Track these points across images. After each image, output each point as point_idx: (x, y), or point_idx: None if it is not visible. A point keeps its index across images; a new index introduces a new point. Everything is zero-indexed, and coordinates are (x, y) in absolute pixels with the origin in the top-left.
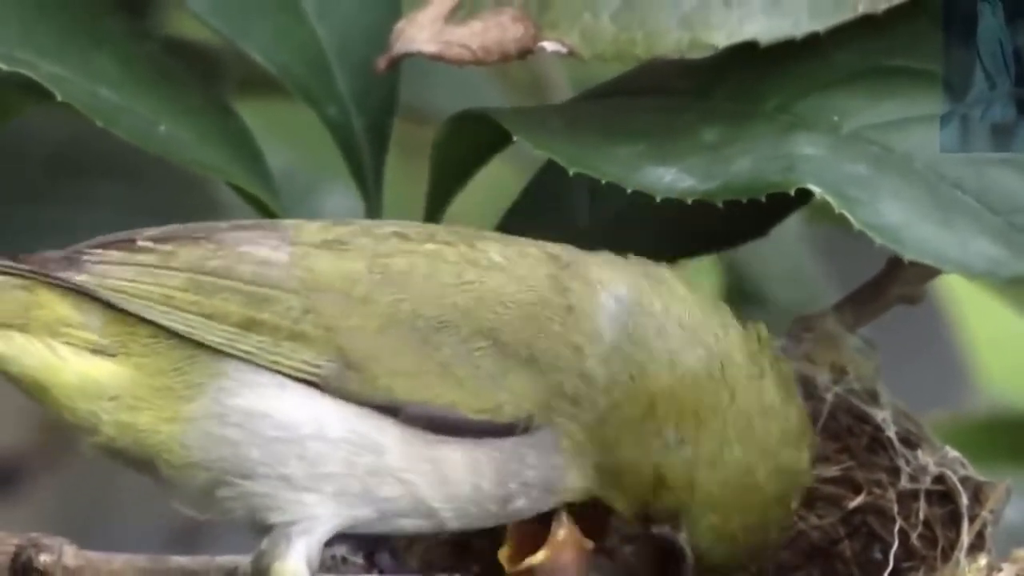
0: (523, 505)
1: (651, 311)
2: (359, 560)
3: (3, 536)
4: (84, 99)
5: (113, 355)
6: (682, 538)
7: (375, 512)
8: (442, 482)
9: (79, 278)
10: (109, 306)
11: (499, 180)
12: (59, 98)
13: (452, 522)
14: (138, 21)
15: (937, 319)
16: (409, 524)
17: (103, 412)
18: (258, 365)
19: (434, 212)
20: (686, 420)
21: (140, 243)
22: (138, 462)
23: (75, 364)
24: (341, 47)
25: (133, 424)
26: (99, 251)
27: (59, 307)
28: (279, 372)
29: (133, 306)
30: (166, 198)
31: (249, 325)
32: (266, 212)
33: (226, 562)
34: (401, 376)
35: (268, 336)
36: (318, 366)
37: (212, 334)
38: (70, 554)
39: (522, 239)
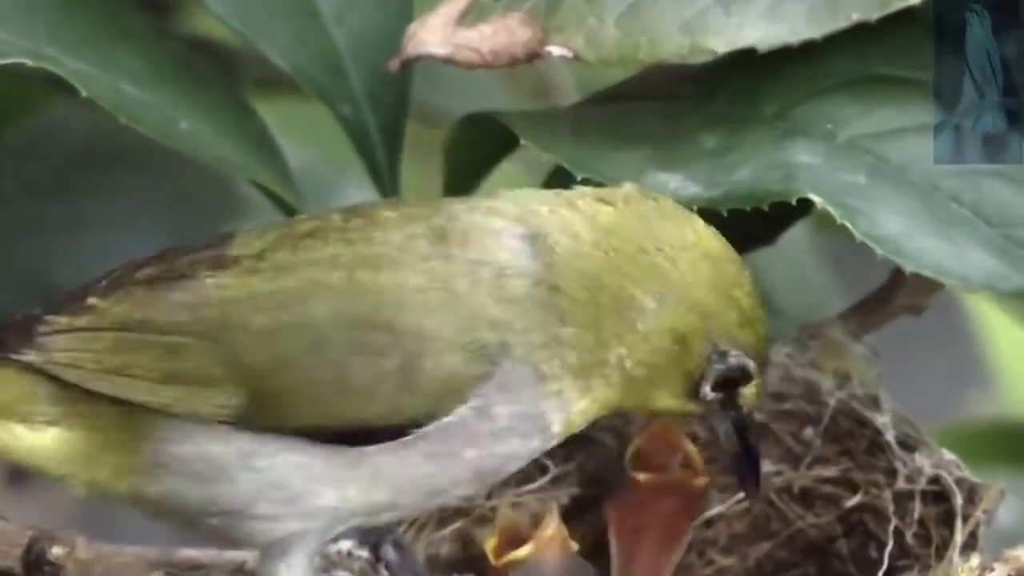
0: (519, 451)
1: (557, 230)
2: (364, 553)
3: (16, 529)
4: (108, 95)
5: (65, 423)
6: (736, 355)
7: (333, 520)
8: (378, 480)
9: (28, 357)
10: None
11: (513, 182)
12: (83, 94)
13: (409, 508)
14: (161, 20)
15: (957, 327)
16: (380, 519)
17: (69, 476)
18: (185, 419)
19: None
20: (642, 279)
21: (89, 301)
22: (133, 505)
23: (32, 440)
24: (355, 49)
25: (98, 480)
26: (51, 317)
27: (14, 385)
28: (200, 422)
29: (70, 376)
30: (186, 192)
31: (166, 379)
32: (284, 207)
33: (234, 556)
34: (309, 407)
35: (182, 386)
36: (232, 407)
37: (136, 393)
38: (82, 547)
39: (409, 206)
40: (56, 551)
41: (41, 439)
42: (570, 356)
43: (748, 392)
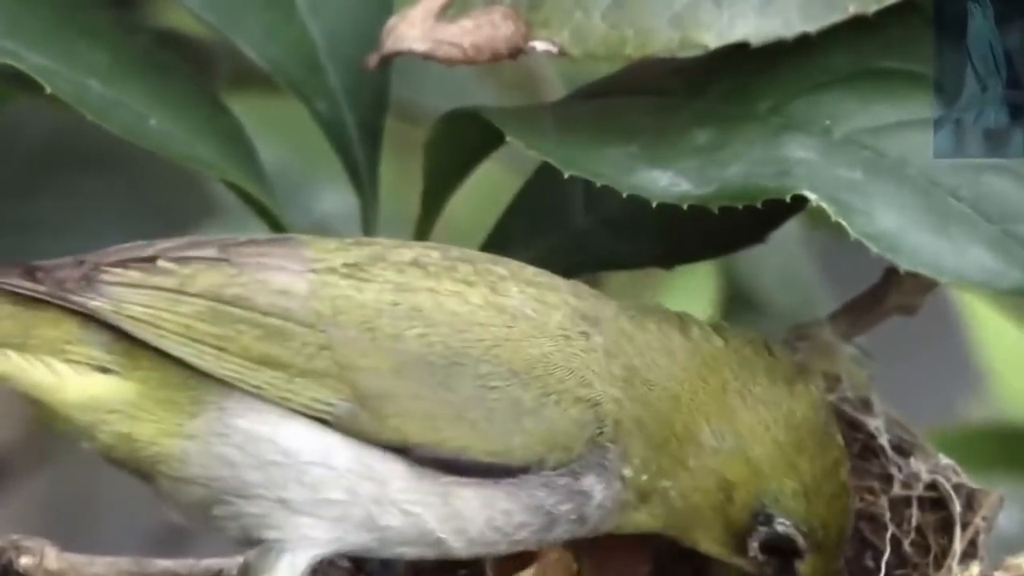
0: (557, 534)
1: (641, 341)
2: (345, 563)
3: None
4: (73, 92)
5: (117, 373)
6: (782, 523)
7: (376, 540)
8: (452, 516)
9: (94, 304)
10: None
11: (496, 181)
12: (48, 90)
13: (459, 552)
14: (129, 13)
15: (950, 327)
16: (411, 552)
17: (102, 424)
18: (270, 403)
19: (430, 212)
20: (713, 416)
21: (160, 263)
22: (136, 471)
23: (74, 381)
24: (332, 43)
25: (131, 435)
26: (117, 270)
27: (64, 325)
28: (289, 409)
29: (145, 332)
30: (157, 193)
31: (263, 360)
32: (259, 207)
33: (211, 564)
34: (413, 419)
35: (281, 372)
36: (330, 404)
37: (224, 368)
38: (52, 556)
39: (543, 279)
40: (25, 561)
41: (85, 383)
42: (637, 465)
43: (805, 570)
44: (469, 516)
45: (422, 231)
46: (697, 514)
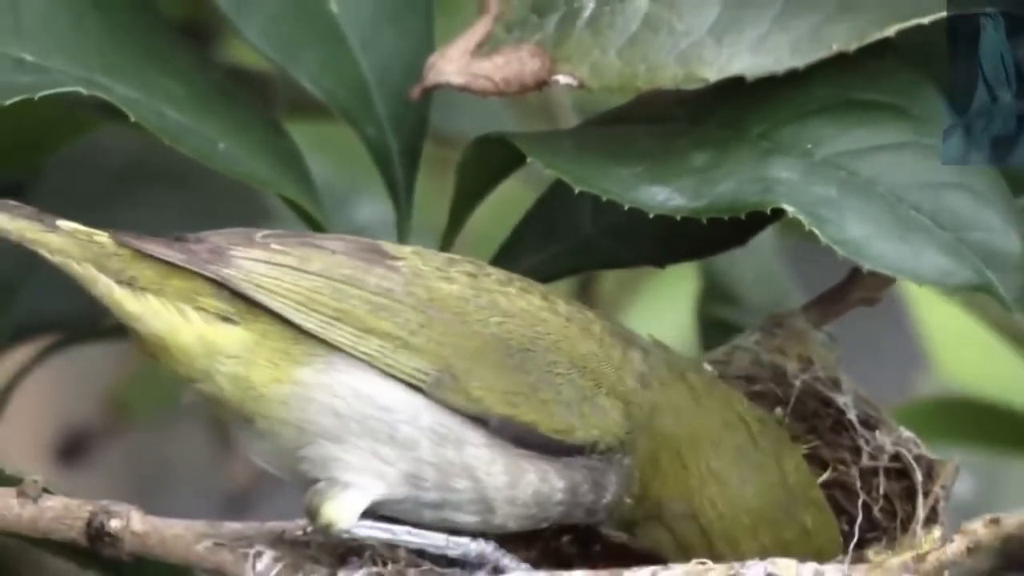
0: (571, 518)
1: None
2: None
3: (78, 503)
4: (153, 119)
5: (239, 322)
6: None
7: (439, 499)
8: (511, 485)
9: (225, 271)
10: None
11: (512, 194)
12: (132, 118)
13: (498, 521)
14: (201, 50)
15: (902, 317)
16: (461, 518)
17: (221, 366)
18: (373, 367)
19: (456, 223)
20: (696, 451)
21: (275, 246)
22: (236, 413)
23: (200, 326)
24: (380, 76)
25: (247, 379)
26: (241, 248)
27: (196, 281)
28: (389, 374)
29: (273, 303)
30: (222, 205)
31: (372, 331)
32: (309, 220)
33: (274, 526)
34: (494, 392)
35: (387, 342)
36: (426, 373)
37: (338, 335)
38: (137, 519)
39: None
40: (114, 524)
41: (211, 329)
42: (639, 478)
43: None
44: (523, 486)
45: (448, 239)
46: (690, 549)
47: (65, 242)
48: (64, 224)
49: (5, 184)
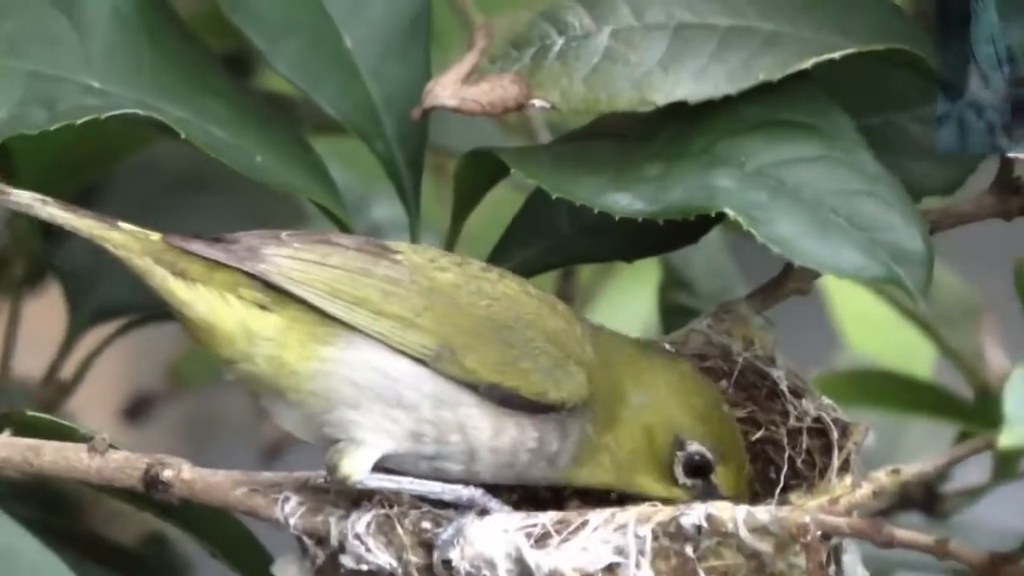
0: (534, 473)
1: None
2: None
3: (137, 456)
4: (200, 136)
5: (273, 310)
6: (693, 444)
7: (435, 451)
8: (495, 437)
9: (261, 267)
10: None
11: (505, 200)
12: (182, 136)
13: (479, 467)
14: (240, 78)
15: (821, 304)
16: (449, 467)
17: (259, 348)
18: (384, 343)
19: (457, 222)
20: (634, 384)
21: (297, 245)
22: (270, 388)
23: (240, 312)
24: (387, 100)
25: (280, 357)
26: (272, 247)
27: (236, 275)
28: (397, 350)
29: (301, 290)
30: (260, 208)
31: (384, 313)
32: (335, 219)
33: (300, 475)
34: (484, 363)
35: (397, 323)
36: (429, 349)
37: (356, 317)
38: (186, 469)
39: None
40: (167, 473)
41: (250, 314)
42: (595, 425)
43: (720, 480)
44: (503, 438)
45: (452, 236)
46: (634, 458)
47: (127, 239)
48: (124, 225)
49: (81, 189)
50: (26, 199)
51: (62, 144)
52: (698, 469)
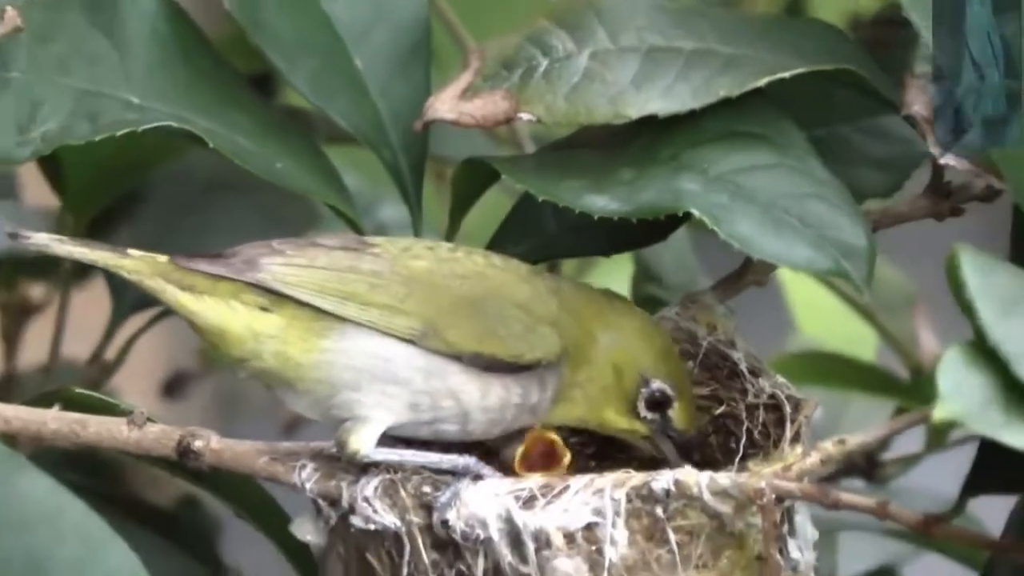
0: (520, 423)
1: (566, 291)
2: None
3: (171, 429)
4: (227, 146)
5: (273, 311)
6: (655, 381)
7: (432, 417)
8: (481, 397)
9: (259, 275)
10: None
11: (497, 202)
12: (211, 145)
13: (476, 426)
14: (263, 95)
15: (776, 294)
16: (446, 428)
17: (265, 346)
18: (375, 329)
19: (454, 222)
20: (603, 328)
21: (290, 252)
22: (279, 381)
23: (245, 316)
24: (393, 114)
25: (285, 352)
26: (266, 257)
27: (237, 285)
28: (387, 334)
29: (297, 293)
30: (282, 210)
31: (371, 303)
32: (347, 220)
33: (316, 445)
34: (464, 336)
35: (384, 310)
36: (415, 330)
37: (346, 310)
38: (214, 440)
39: (501, 256)
40: (198, 444)
41: (254, 316)
42: (570, 369)
43: (676, 415)
44: (491, 397)
45: (450, 234)
46: (604, 394)
47: (137, 264)
48: (133, 252)
49: (121, 194)
50: (44, 240)
51: (105, 153)
52: (658, 404)
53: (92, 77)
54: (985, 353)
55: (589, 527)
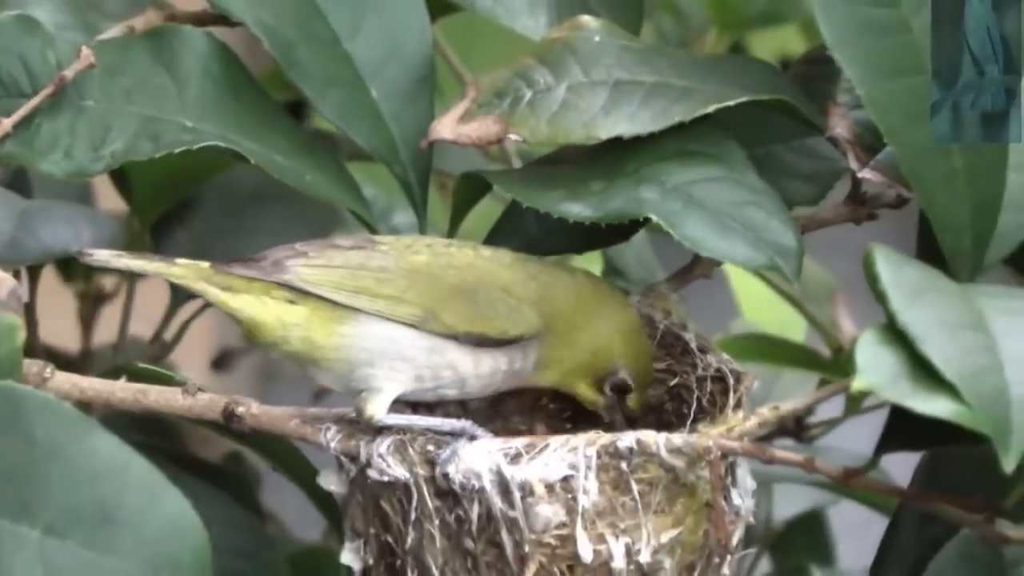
0: (508, 384)
1: (547, 271)
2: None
3: (219, 397)
4: (266, 162)
5: (299, 304)
6: (623, 370)
7: (434, 385)
8: (474, 367)
9: (286, 276)
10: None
11: (489, 209)
12: (252, 161)
13: (468, 388)
14: (298, 119)
15: (721, 285)
16: (449, 392)
17: (293, 333)
18: (383, 317)
19: (454, 225)
20: (588, 318)
21: (311, 254)
22: (306, 360)
23: (275, 309)
24: (403, 136)
25: (309, 338)
26: (291, 260)
27: (267, 284)
28: (394, 320)
29: (317, 290)
30: (311, 214)
31: (380, 295)
32: (365, 223)
33: (339, 411)
34: (459, 319)
35: (390, 301)
36: (417, 316)
37: (359, 302)
38: (254, 407)
39: (490, 249)
40: (240, 409)
41: (283, 309)
42: (548, 345)
43: (631, 401)
44: (483, 366)
45: (451, 235)
46: (579, 369)
47: (183, 271)
48: (180, 260)
49: (178, 202)
50: (104, 256)
51: (164, 168)
52: (620, 389)
53: (154, 105)
54: (895, 334)
55: (566, 479)
